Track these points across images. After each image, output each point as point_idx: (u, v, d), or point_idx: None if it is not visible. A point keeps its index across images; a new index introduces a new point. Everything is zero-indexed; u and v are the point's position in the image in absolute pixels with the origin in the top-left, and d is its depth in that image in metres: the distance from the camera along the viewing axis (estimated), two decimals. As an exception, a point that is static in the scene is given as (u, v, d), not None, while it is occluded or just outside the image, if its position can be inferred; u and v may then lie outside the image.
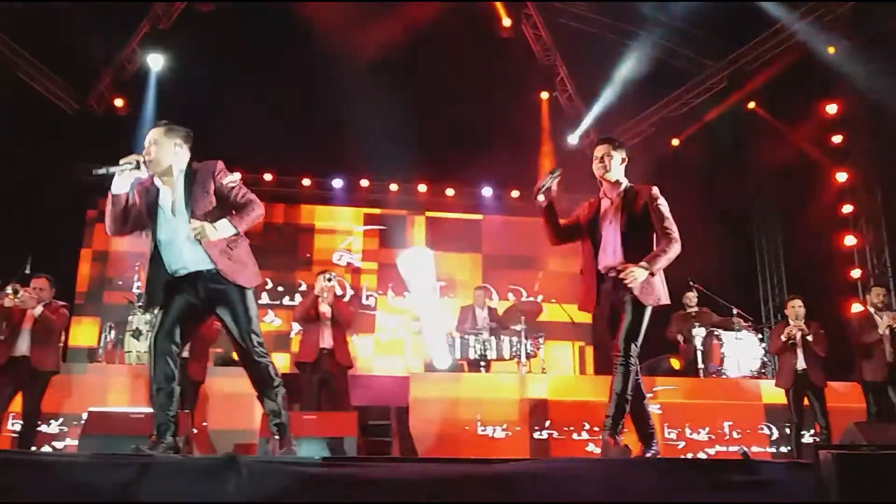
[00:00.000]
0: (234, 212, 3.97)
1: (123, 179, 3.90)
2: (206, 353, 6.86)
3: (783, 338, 7.16)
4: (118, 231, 3.99)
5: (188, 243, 3.90)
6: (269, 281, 12.16)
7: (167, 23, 11.21)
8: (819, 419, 6.99)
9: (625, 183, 4.40)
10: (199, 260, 3.92)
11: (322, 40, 10.70)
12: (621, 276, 4.07)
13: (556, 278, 11.21)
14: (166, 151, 3.95)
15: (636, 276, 4.05)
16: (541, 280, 9.86)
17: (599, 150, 4.38)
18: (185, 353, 6.46)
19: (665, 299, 4.28)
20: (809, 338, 7.12)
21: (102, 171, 3.85)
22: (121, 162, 3.86)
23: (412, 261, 11.62)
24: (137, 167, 3.88)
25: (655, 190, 4.36)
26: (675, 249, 4.23)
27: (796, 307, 7.28)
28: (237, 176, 4.04)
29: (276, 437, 4.07)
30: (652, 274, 4.11)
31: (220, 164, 4.03)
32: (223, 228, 3.86)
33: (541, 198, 4.33)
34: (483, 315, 9.23)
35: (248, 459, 3.06)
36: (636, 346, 4.18)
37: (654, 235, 4.29)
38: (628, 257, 4.18)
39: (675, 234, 4.26)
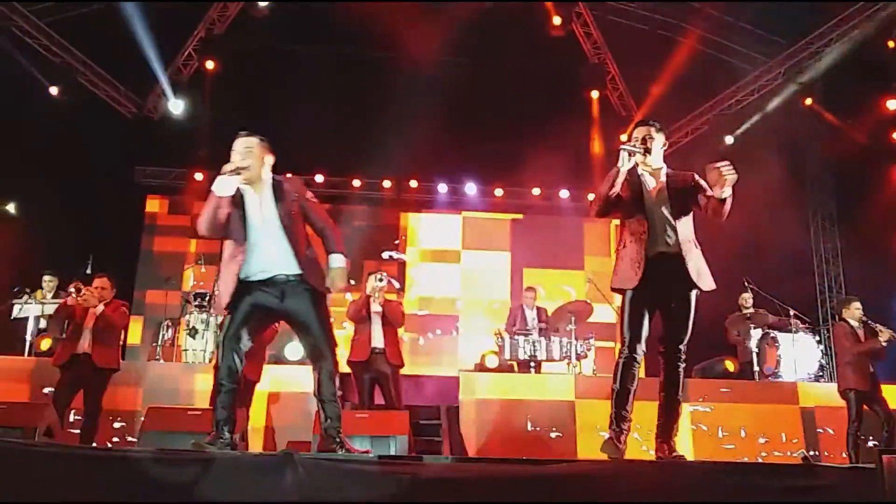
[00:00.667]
0: (321, 234, 4.24)
1: (229, 184, 4.04)
2: (262, 354, 6.96)
3: (883, 342, 6.92)
4: (215, 232, 4.11)
5: (273, 248, 4.07)
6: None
7: (222, 26, 11.42)
8: (884, 422, 6.79)
9: (665, 167, 4.31)
10: (284, 264, 4.08)
11: (373, 41, 10.81)
12: (723, 169, 3.96)
13: (605, 279, 11.10)
14: (259, 160, 4.14)
15: (729, 178, 3.99)
16: (592, 280, 9.75)
17: (640, 132, 4.25)
18: None
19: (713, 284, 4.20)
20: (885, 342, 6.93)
21: (226, 175, 4.01)
22: (235, 167, 4.04)
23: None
24: (243, 171, 4.06)
25: (696, 176, 4.28)
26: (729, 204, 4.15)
27: (857, 309, 7.09)
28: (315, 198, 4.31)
29: (336, 442, 4.10)
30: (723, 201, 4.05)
31: (302, 181, 4.41)
32: (340, 261, 4.17)
33: (626, 158, 4.09)
34: (532, 315, 9.19)
35: (306, 456, 3.11)
36: None
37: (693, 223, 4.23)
38: (683, 244, 4.14)
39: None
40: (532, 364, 8.50)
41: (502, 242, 13.12)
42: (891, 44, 10.22)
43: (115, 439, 7.21)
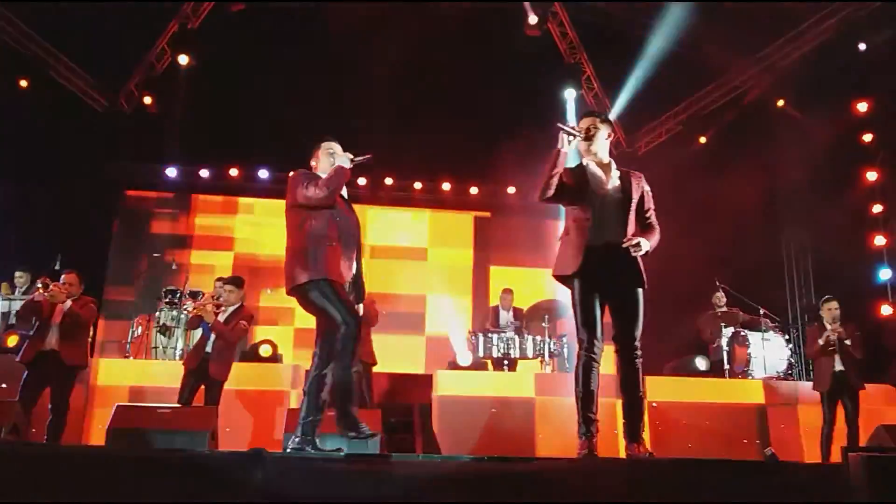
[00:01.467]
0: None
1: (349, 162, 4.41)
2: (231, 353, 6.89)
3: (821, 342, 7.01)
4: (331, 200, 4.30)
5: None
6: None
7: (196, 22, 11.30)
8: (851, 422, 6.87)
9: (612, 160, 4.33)
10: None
11: (347, 39, 10.75)
12: (632, 245, 4.03)
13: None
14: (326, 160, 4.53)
15: (643, 247, 4.06)
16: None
17: (585, 122, 4.28)
18: (209, 349, 6.54)
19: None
20: (847, 341, 6.99)
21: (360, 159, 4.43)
22: (356, 159, 4.43)
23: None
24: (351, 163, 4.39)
25: (645, 186, 4.33)
26: (657, 239, 4.26)
27: (833, 309, 7.16)
28: None
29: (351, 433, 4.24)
30: (645, 253, 4.11)
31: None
32: None
33: (565, 140, 4.12)
34: (508, 316, 9.21)
35: (275, 454, 3.08)
36: None
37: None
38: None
39: (657, 225, 4.31)
40: (506, 362, 8.53)
41: (467, 240, 13.14)
42: (861, 46, 10.37)
43: (82, 437, 7.11)
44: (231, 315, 6.68)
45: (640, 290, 4.13)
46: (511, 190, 13.06)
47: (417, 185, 13.08)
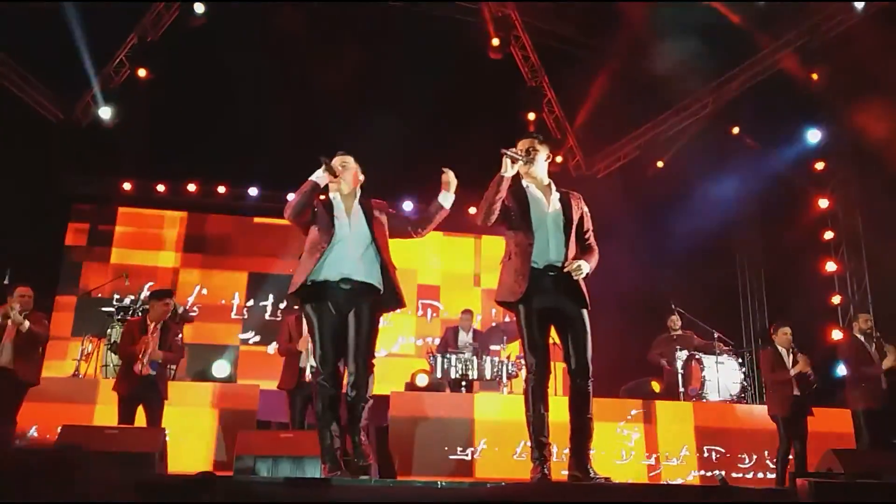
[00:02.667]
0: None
1: (322, 176, 4.30)
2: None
3: (793, 372, 7.07)
4: (300, 216, 4.31)
5: (358, 255, 4.27)
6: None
7: (155, 35, 11.19)
8: (799, 445, 6.96)
9: (551, 182, 4.34)
10: (366, 272, 4.27)
11: (310, 54, 10.74)
12: (572, 269, 4.05)
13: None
14: (354, 173, 4.50)
15: (584, 269, 4.09)
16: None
17: (524, 144, 4.27)
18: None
19: None
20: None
21: (322, 167, 4.30)
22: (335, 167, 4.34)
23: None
24: (335, 176, 4.33)
25: (584, 206, 4.35)
26: (597, 260, 4.29)
27: (786, 335, 7.28)
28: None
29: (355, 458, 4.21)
30: (585, 276, 4.14)
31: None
32: None
33: (509, 165, 4.07)
34: (466, 338, 9.18)
35: (224, 478, 3.02)
36: None
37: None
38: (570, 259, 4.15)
39: (596, 246, 4.34)
40: (464, 383, 8.51)
41: (429, 259, 13.12)
42: (814, 76, 10.65)
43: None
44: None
45: (585, 311, 4.13)
46: (472, 210, 13.09)
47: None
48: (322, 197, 4.40)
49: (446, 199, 4.44)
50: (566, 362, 4.13)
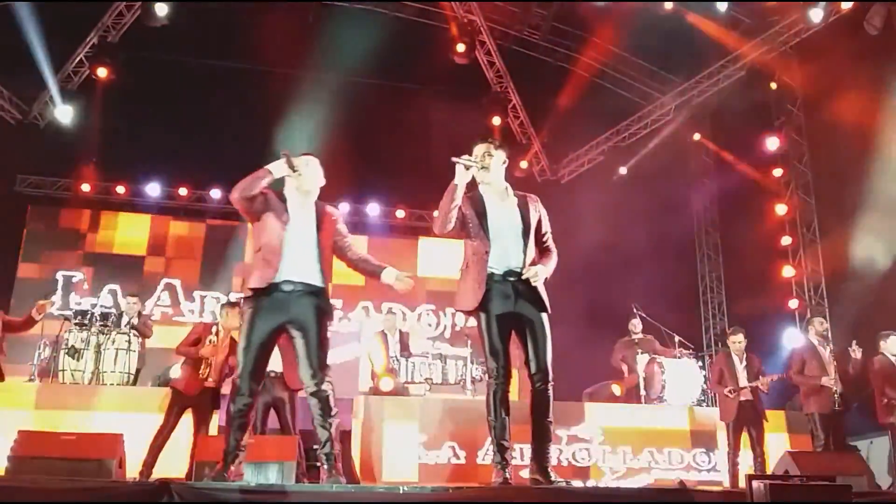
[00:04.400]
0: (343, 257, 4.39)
1: (281, 168, 4.18)
2: None
3: (727, 392, 7.18)
4: (248, 200, 4.18)
5: (307, 256, 4.11)
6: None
7: (115, 35, 11.03)
8: (756, 448, 7.08)
9: (508, 186, 4.31)
10: (310, 274, 4.08)
11: (274, 57, 10.69)
12: (529, 276, 4.05)
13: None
14: (317, 175, 4.34)
15: (541, 275, 4.09)
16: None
17: (479, 149, 4.23)
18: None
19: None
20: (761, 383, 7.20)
21: (283, 159, 4.17)
22: (296, 164, 4.20)
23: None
24: (294, 172, 4.20)
25: (541, 209, 4.32)
26: (555, 262, 4.27)
27: (737, 342, 7.39)
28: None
29: (325, 465, 4.04)
30: (544, 280, 4.14)
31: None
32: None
33: (462, 172, 4.04)
34: (393, 340, 9.10)
35: (180, 486, 2.98)
36: None
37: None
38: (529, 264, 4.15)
39: (554, 247, 4.32)
40: (427, 387, 8.48)
41: (410, 264, 13.11)
42: (773, 85, 10.86)
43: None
44: None
45: (545, 315, 4.13)
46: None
47: (343, 208, 13.04)
48: (280, 190, 4.28)
49: (388, 277, 4.29)
50: (526, 366, 4.12)
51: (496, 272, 4.09)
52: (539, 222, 4.25)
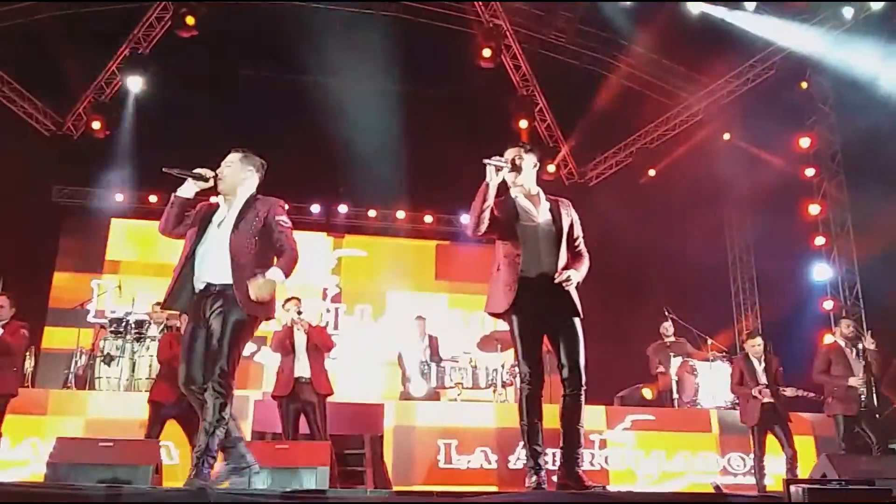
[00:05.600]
0: (276, 256, 4.10)
1: (190, 186, 4.12)
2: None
3: (754, 393, 7.11)
4: (170, 231, 4.11)
5: (219, 257, 3.99)
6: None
7: (146, 47, 11.19)
8: (787, 448, 6.98)
9: (540, 190, 4.31)
10: (223, 276, 3.95)
11: (304, 66, 10.78)
12: (562, 280, 4.03)
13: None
14: (237, 174, 4.25)
15: (573, 279, 4.07)
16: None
17: (510, 153, 4.23)
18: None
19: None
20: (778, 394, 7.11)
21: (174, 171, 4.06)
22: (194, 171, 4.12)
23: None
24: (206, 181, 4.12)
25: (573, 213, 4.31)
26: (587, 266, 4.25)
27: (756, 346, 7.30)
28: (289, 222, 4.24)
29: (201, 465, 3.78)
30: (577, 285, 4.12)
31: (281, 203, 4.29)
32: (275, 275, 3.97)
33: (493, 173, 4.04)
34: (422, 344, 9.09)
35: (218, 491, 3.01)
36: None
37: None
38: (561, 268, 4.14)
39: (586, 252, 4.30)
40: (458, 393, 8.50)
41: (428, 269, 13.16)
42: (803, 85, 10.73)
43: (18, 471, 6.89)
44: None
45: (577, 319, 4.11)
46: (464, 219, 13.13)
47: (371, 213, 13.13)
48: (213, 200, 4.21)
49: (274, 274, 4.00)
50: (559, 371, 4.11)
51: (528, 276, 4.06)
52: (571, 226, 4.24)
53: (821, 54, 10.22)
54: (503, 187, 4.19)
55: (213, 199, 4.23)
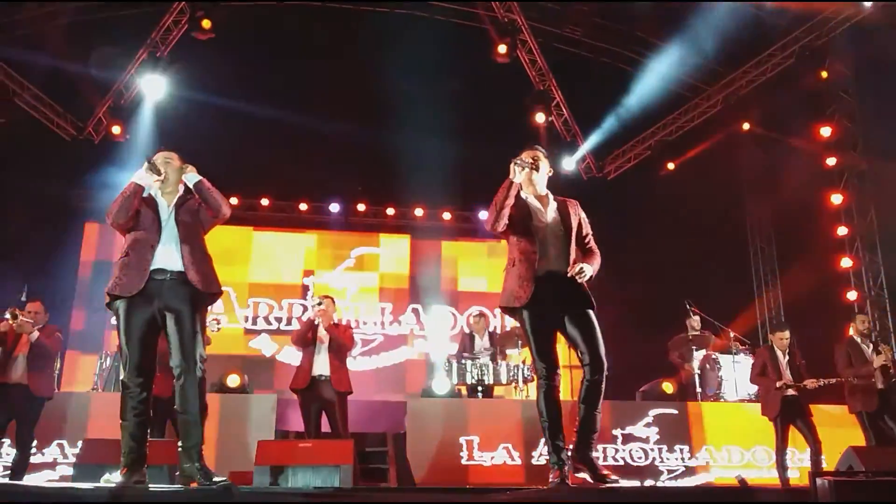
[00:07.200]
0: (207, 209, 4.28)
1: (147, 178, 4.19)
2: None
3: (778, 385, 7.04)
4: (124, 222, 4.16)
5: (167, 246, 4.12)
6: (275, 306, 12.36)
7: (164, 50, 11.27)
8: (810, 441, 6.91)
9: (548, 192, 4.41)
10: (173, 262, 4.08)
11: (315, 68, 10.82)
12: (576, 273, 4.11)
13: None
14: (177, 172, 4.31)
15: (586, 272, 4.14)
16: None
17: (531, 154, 4.34)
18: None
19: None
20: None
21: (145, 166, 4.18)
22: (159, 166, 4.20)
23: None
24: (158, 174, 4.19)
25: (581, 212, 4.42)
26: (599, 262, 4.34)
27: (784, 339, 7.22)
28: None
29: (196, 464, 3.90)
30: (590, 278, 4.20)
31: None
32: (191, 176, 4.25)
33: (518, 171, 4.18)
34: (482, 342, 9.14)
35: (244, 490, 3.04)
36: None
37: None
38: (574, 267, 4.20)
39: (597, 249, 4.41)
40: (480, 389, 8.49)
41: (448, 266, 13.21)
42: (823, 74, 10.61)
43: (48, 472, 6.97)
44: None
45: (591, 311, 4.17)
46: (483, 215, 13.12)
47: (390, 211, 13.17)
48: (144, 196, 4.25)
49: (188, 179, 4.29)
50: (580, 360, 4.15)
51: (539, 274, 4.14)
52: (580, 225, 4.36)
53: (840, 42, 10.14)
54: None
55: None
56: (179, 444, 3.97)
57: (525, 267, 4.15)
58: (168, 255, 4.09)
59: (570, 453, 4.07)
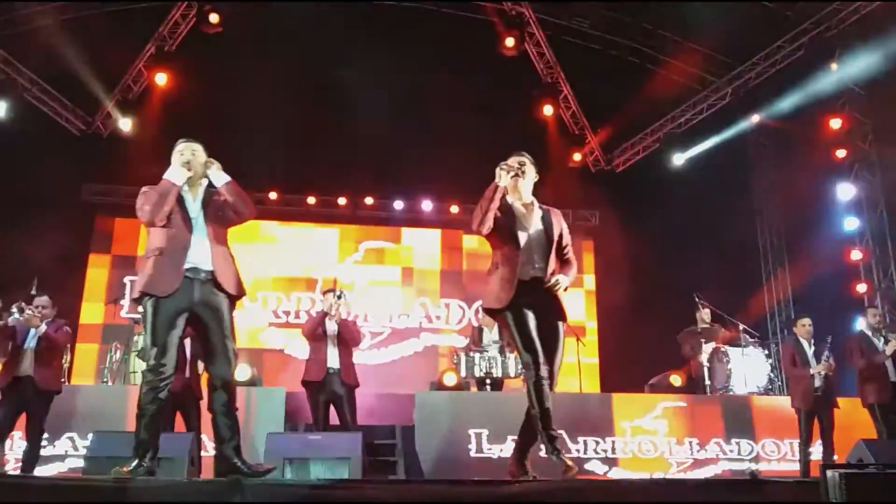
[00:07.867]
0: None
1: (182, 176, 4.17)
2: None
3: (813, 372, 7.01)
4: (159, 220, 4.08)
5: (202, 245, 4.13)
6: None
7: (172, 44, 11.29)
8: (826, 437, 6.90)
9: (534, 199, 4.44)
10: (205, 261, 4.10)
11: (326, 59, 10.80)
12: (552, 285, 4.20)
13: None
14: (202, 163, 4.33)
15: (562, 283, 4.23)
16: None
17: (517, 160, 4.37)
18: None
19: None
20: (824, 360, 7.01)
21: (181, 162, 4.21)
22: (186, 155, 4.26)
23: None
24: (189, 170, 4.21)
25: (563, 222, 4.47)
26: (575, 272, 4.43)
27: (806, 325, 7.21)
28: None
29: (237, 461, 3.99)
30: (565, 289, 4.29)
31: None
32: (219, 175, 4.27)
33: (504, 176, 4.21)
34: (491, 335, 9.14)
35: (253, 482, 3.05)
36: None
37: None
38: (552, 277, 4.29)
39: (574, 259, 4.48)
40: (488, 381, 8.50)
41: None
42: (833, 66, 10.54)
43: (58, 465, 7.01)
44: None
45: (561, 324, 4.28)
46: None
47: (398, 205, 13.15)
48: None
49: (215, 178, 4.29)
50: None
51: (522, 278, 4.22)
52: (561, 235, 4.40)
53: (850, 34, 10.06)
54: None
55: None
56: (216, 443, 4.07)
57: (508, 270, 4.23)
58: (200, 255, 4.11)
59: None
